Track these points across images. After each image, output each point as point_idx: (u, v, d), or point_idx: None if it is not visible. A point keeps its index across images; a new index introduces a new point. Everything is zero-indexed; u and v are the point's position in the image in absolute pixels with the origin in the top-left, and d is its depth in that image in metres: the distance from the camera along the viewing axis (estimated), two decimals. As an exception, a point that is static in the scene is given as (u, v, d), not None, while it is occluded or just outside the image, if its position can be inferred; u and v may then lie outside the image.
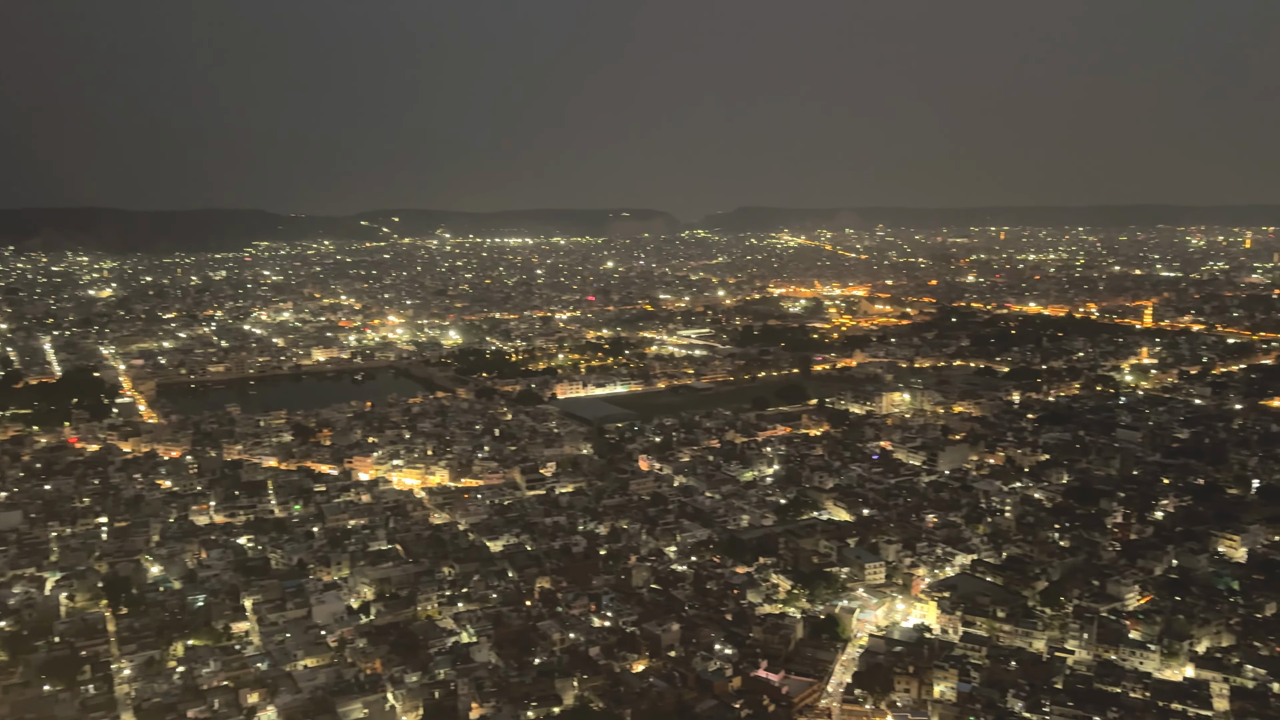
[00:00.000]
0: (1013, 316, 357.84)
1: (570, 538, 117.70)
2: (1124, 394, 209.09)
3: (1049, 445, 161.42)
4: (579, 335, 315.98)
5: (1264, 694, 78.88)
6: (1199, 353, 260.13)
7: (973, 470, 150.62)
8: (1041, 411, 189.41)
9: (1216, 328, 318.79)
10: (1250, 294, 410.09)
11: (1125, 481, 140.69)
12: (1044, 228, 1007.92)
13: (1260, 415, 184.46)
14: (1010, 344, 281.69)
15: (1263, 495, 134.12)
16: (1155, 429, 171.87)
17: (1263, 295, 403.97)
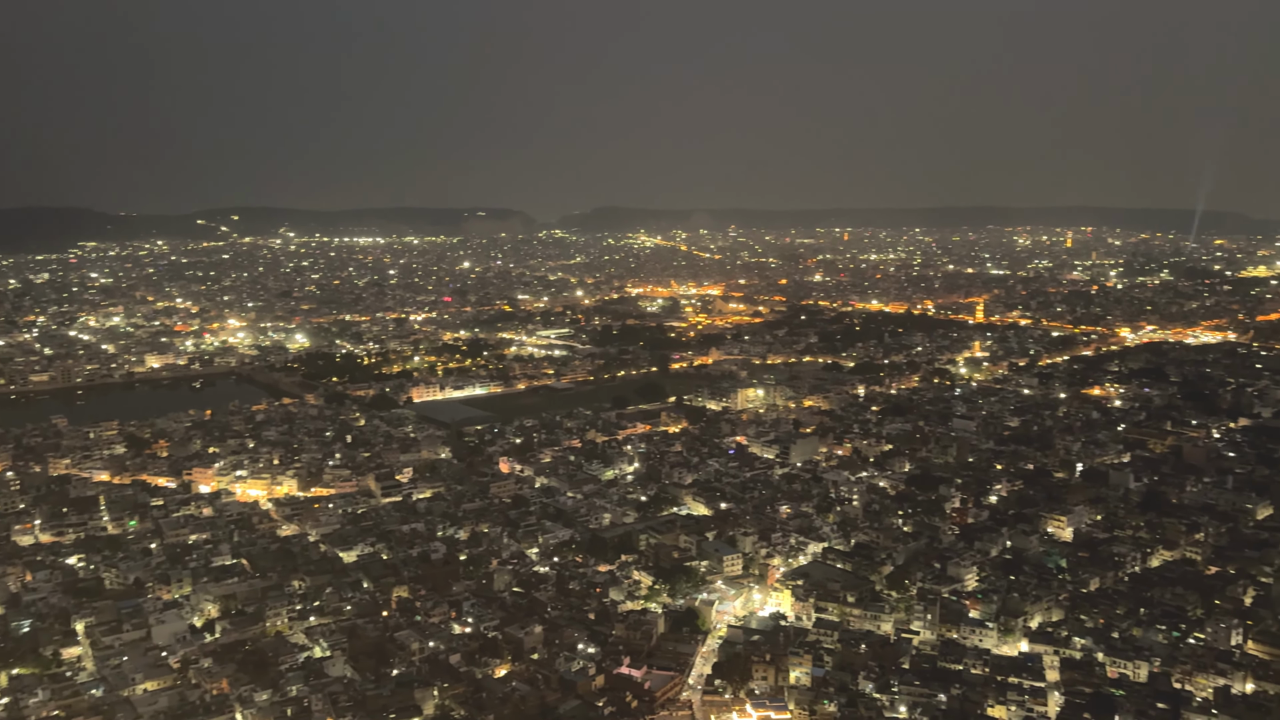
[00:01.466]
0: (857, 314, 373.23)
1: (429, 544, 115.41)
2: (959, 386, 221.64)
3: (892, 436, 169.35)
4: (435, 337, 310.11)
5: (1090, 663, 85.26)
6: (1026, 346, 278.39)
7: (823, 462, 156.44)
8: (885, 404, 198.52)
9: (1042, 322, 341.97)
10: (1071, 290, 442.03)
11: (962, 468, 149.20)
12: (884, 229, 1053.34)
13: (1082, 403, 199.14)
14: (855, 340, 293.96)
15: (1085, 478, 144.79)
16: (988, 418, 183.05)
17: (1082, 291, 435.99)
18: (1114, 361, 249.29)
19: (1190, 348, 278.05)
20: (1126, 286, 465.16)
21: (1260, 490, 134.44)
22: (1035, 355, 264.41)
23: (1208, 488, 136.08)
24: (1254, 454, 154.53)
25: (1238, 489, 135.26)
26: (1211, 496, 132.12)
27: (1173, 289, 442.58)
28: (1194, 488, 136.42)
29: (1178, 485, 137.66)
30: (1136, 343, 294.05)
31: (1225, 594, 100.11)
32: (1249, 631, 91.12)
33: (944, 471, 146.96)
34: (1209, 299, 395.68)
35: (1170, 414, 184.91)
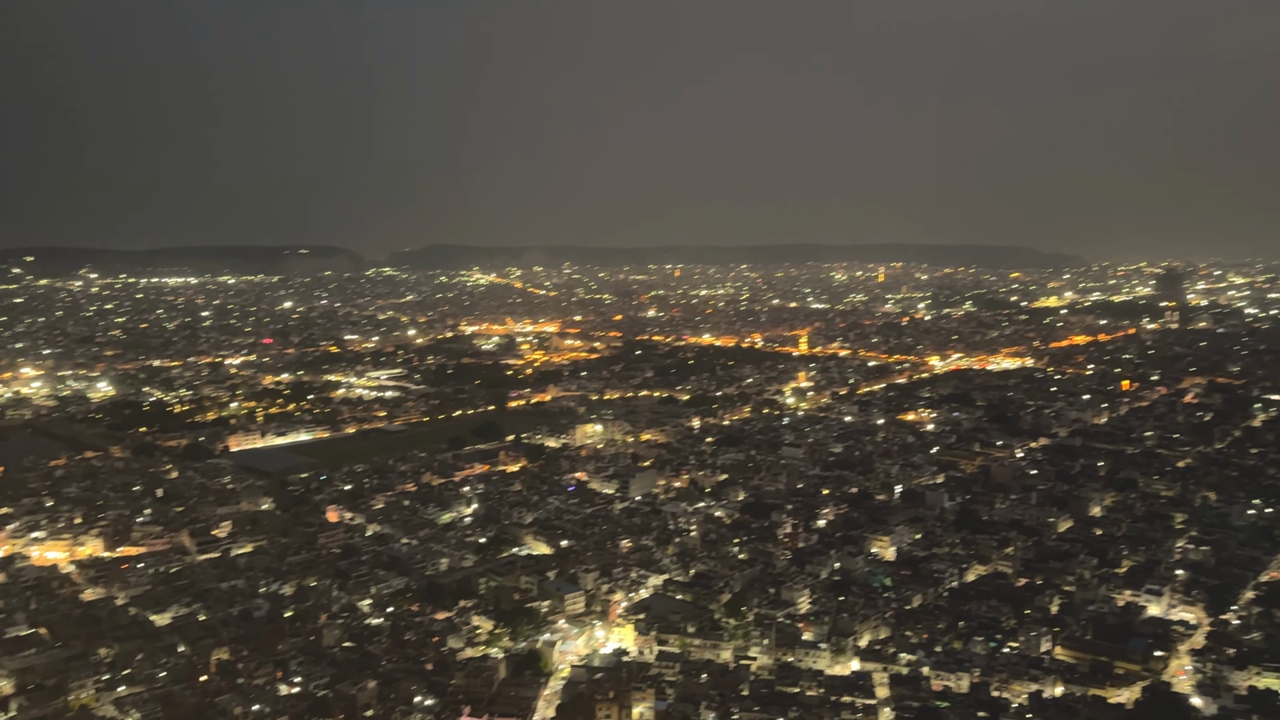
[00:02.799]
0: (690, 348, 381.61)
1: (251, 601, 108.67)
2: (787, 415, 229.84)
3: (726, 466, 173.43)
4: (254, 381, 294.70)
5: (916, 678, 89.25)
6: (847, 375, 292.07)
7: (661, 494, 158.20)
8: (719, 435, 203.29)
9: (860, 352, 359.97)
10: (885, 322, 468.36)
11: (792, 495, 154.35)
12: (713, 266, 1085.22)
13: (898, 428, 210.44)
14: (689, 373, 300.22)
15: (904, 499, 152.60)
16: (814, 445, 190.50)
17: (895, 323, 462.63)
18: (925, 388, 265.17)
19: (993, 374, 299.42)
20: (934, 318, 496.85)
21: (1060, 505, 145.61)
22: (855, 384, 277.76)
23: (1014, 504, 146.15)
24: (1053, 471, 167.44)
25: (1040, 504, 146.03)
26: (1018, 512, 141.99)
27: (975, 319, 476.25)
28: (1002, 505, 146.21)
29: (987, 503, 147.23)
30: (945, 370, 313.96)
31: (1034, 604, 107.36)
32: (1056, 638, 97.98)
33: (775, 498, 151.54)
34: (1008, 328, 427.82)
35: (978, 436, 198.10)
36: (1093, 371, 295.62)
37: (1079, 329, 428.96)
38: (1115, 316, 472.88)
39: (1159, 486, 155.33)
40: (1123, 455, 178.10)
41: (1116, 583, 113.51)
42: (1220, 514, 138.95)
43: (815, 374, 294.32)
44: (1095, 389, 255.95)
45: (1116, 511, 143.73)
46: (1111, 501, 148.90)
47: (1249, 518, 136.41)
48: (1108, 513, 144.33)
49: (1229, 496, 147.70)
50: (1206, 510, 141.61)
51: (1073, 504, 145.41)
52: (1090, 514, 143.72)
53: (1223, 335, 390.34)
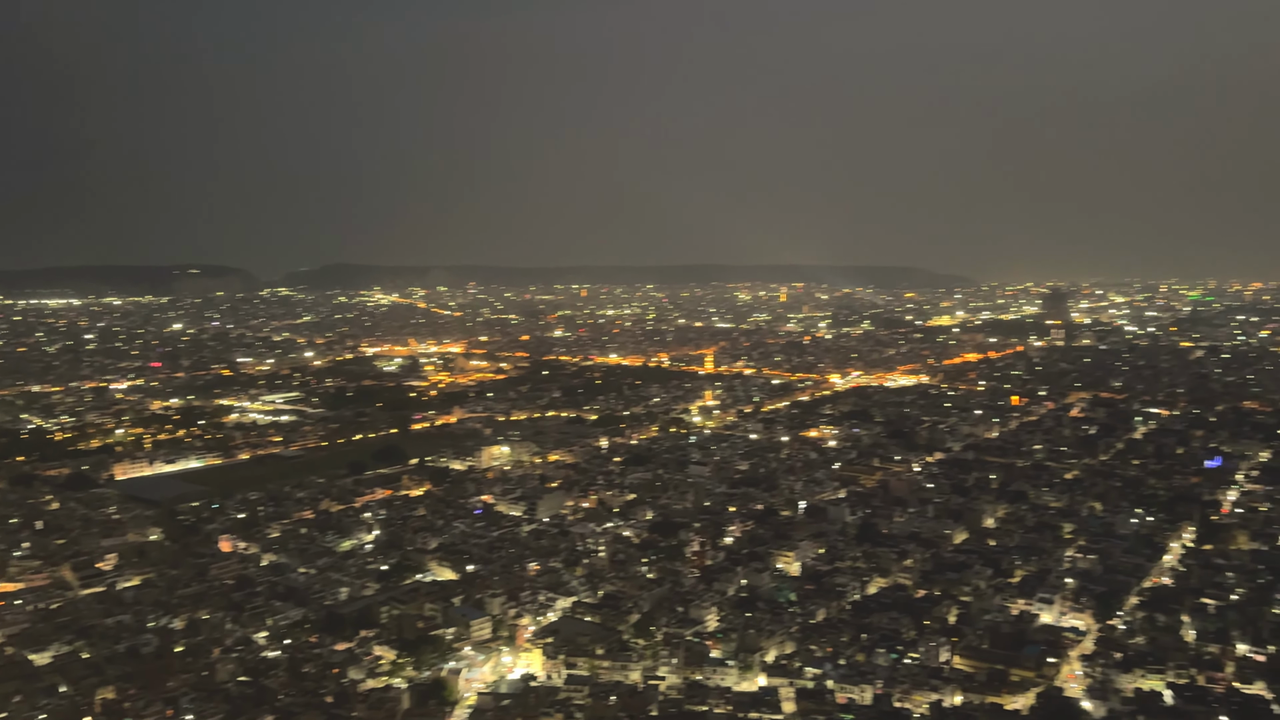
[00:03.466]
0: (597, 368, 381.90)
1: (138, 637, 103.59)
2: (694, 434, 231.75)
3: (634, 485, 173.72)
4: (142, 406, 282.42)
5: (821, 691, 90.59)
6: (751, 394, 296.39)
7: (569, 515, 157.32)
8: (626, 455, 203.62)
9: (764, 371, 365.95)
10: (788, 341, 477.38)
11: (699, 513, 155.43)
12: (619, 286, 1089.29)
13: (801, 445, 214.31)
14: (596, 393, 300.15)
15: (808, 514, 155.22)
16: (721, 463, 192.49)
17: (797, 342, 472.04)
18: (827, 405, 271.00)
19: (891, 391, 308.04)
20: (835, 336, 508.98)
21: (955, 517, 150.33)
22: (760, 402, 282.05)
23: (912, 517, 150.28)
24: (949, 484, 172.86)
25: (937, 517, 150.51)
26: (916, 525, 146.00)
27: (873, 338, 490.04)
28: (901, 518, 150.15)
29: (887, 516, 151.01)
30: (845, 388, 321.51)
31: (933, 614, 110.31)
32: (955, 648, 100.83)
33: (683, 517, 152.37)
34: (904, 346, 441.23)
35: (877, 451, 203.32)
36: (984, 388, 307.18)
37: (970, 347, 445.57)
38: (1004, 334, 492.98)
39: (1048, 498, 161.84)
40: (1014, 468, 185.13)
41: (1010, 592, 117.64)
42: (1106, 523, 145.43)
43: (721, 393, 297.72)
44: (987, 404, 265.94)
45: (1009, 523, 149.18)
46: (1004, 513, 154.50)
47: (1132, 526, 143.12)
48: (1000, 524, 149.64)
49: (1113, 506, 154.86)
50: (1093, 520, 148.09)
51: (967, 516, 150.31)
52: (984, 525, 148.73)
53: (1105, 352, 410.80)
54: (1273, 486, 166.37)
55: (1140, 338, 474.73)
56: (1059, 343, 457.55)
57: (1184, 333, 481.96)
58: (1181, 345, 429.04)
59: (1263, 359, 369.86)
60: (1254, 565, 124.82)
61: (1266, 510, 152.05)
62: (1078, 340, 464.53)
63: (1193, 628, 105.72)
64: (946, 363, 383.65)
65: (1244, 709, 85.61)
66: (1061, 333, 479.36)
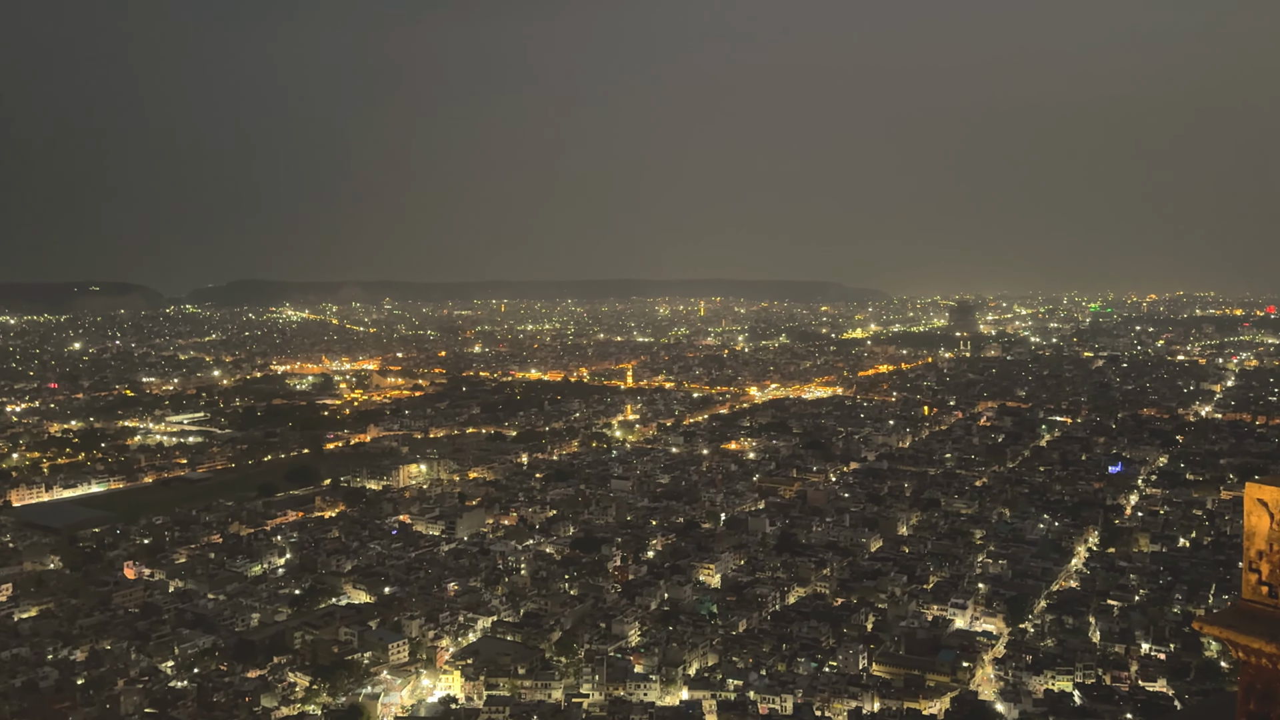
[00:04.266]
0: (517, 383, 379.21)
1: (36, 671, 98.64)
2: (615, 448, 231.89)
3: (556, 501, 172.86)
4: (39, 429, 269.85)
5: (744, 703, 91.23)
6: (672, 407, 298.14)
7: (490, 533, 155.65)
8: (548, 470, 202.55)
9: (684, 384, 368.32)
10: (707, 354, 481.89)
11: (621, 527, 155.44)
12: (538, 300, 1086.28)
13: (722, 458, 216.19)
14: (517, 409, 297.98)
15: (729, 526, 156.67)
16: (642, 477, 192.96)
17: (716, 355, 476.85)
18: (746, 418, 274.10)
19: (808, 402, 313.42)
20: (753, 350, 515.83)
21: (871, 525, 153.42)
22: (680, 416, 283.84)
23: (830, 527, 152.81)
24: (864, 494, 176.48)
25: (854, 525, 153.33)
26: (833, 534, 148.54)
27: (790, 351, 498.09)
28: (819, 527, 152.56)
29: (805, 527, 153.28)
30: (764, 400, 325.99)
31: (851, 622, 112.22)
32: (873, 655, 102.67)
33: (605, 532, 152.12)
34: (819, 359, 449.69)
35: (795, 463, 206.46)
36: (897, 398, 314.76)
37: (883, 358, 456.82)
38: (915, 346, 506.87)
39: (959, 505, 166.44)
40: (926, 476, 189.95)
41: (925, 598, 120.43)
42: (1015, 529, 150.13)
43: (642, 406, 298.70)
44: (899, 415, 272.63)
45: (922, 530, 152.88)
46: (917, 520, 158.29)
47: (1040, 531, 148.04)
48: (915, 531, 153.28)
49: (1022, 512, 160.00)
50: (1002, 526, 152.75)
51: (883, 524, 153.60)
52: (899, 533, 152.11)
53: (1011, 362, 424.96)
54: (1170, 490, 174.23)
55: (1044, 348, 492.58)
56: (967, 354, 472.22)
57: (1085, 343, 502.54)
58: (1083, 355, 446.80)
59: (1159, 367, 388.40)
60: (1154, 566, 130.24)
61: (1165, 513, 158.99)
62: (985, 351, 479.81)
63: (1098, 629, 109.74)
64: (861, 374, 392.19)
65: (1148, 706, 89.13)
66: (969, 344, 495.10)
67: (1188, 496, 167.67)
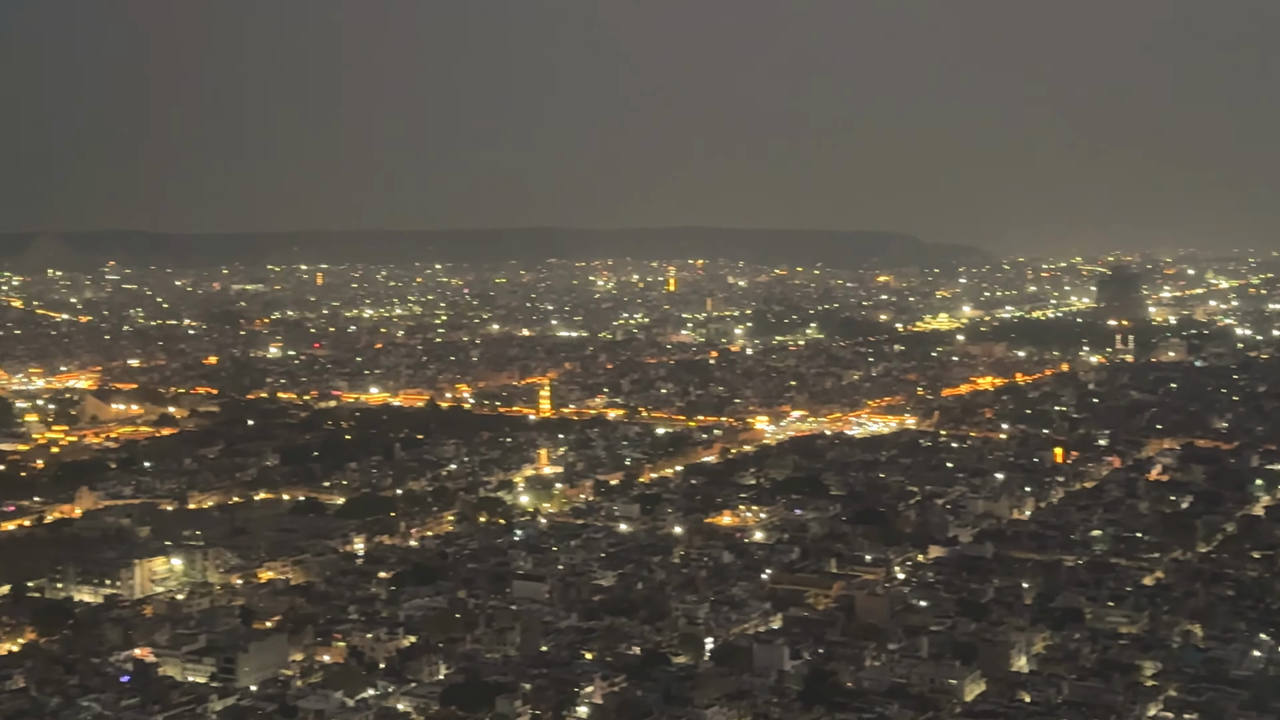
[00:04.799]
0: (346, 412, 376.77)
1: None
2: (520, 525, 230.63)
3: (416, 620, 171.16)
4: None
5: None
6: (620, 453, 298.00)
7: (297, 678, 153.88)
8: (401, 566, 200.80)
9: (640, 413, 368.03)
10: (681, 360, 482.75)
11: (531, 665, 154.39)
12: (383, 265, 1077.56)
13: (706, 540, 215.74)
14: (345, 458, 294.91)
15: (719, 660, 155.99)
16: (568, 575, 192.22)
17: (697, 360, 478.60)
18: (749, 470, 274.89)
19: (855, 442, 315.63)
20: (759, 351, 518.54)
21: (967, 656, 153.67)
22: (634, 468, 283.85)
23: (894, 658, 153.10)
24: (953, 600, 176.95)
25: (937, 656, 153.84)
26: (901, 671, 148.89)
27: (825, 352, 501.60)
28: (875, 660, 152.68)
29: (852, 659, 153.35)
30: (779, 438, 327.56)
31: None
32: None
33: (503, 673, 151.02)
34: (875, 366, 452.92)
35: (834, 547, 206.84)
36: (1008, 435, 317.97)
37: (984, 365, 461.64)
38: (1039, 343, 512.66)
39: (1117, 618, 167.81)
40: (1059, 569, 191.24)
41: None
42: (1212, 659, 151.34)
43: (567, 451, 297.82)
44: (1013, 463, 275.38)
45: (1054, 662, 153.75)
46: (1045, 646, 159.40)
47: (1255, 663, 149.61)
48: (1041, 664, 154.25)
49: (1224, 629, 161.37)
50: (1189, 653, 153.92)
51: (986, 654, 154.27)
52: (1013, 668, 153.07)
53: (1204, 371, 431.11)
54: None
55: (1260, 346, 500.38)
56: (1127, 356, 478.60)
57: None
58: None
59: None
60: None
61: None
62: (1159, 353, 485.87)
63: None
64: (947, 393, 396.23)
65: None
66: (1131, 340, 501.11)
67: None
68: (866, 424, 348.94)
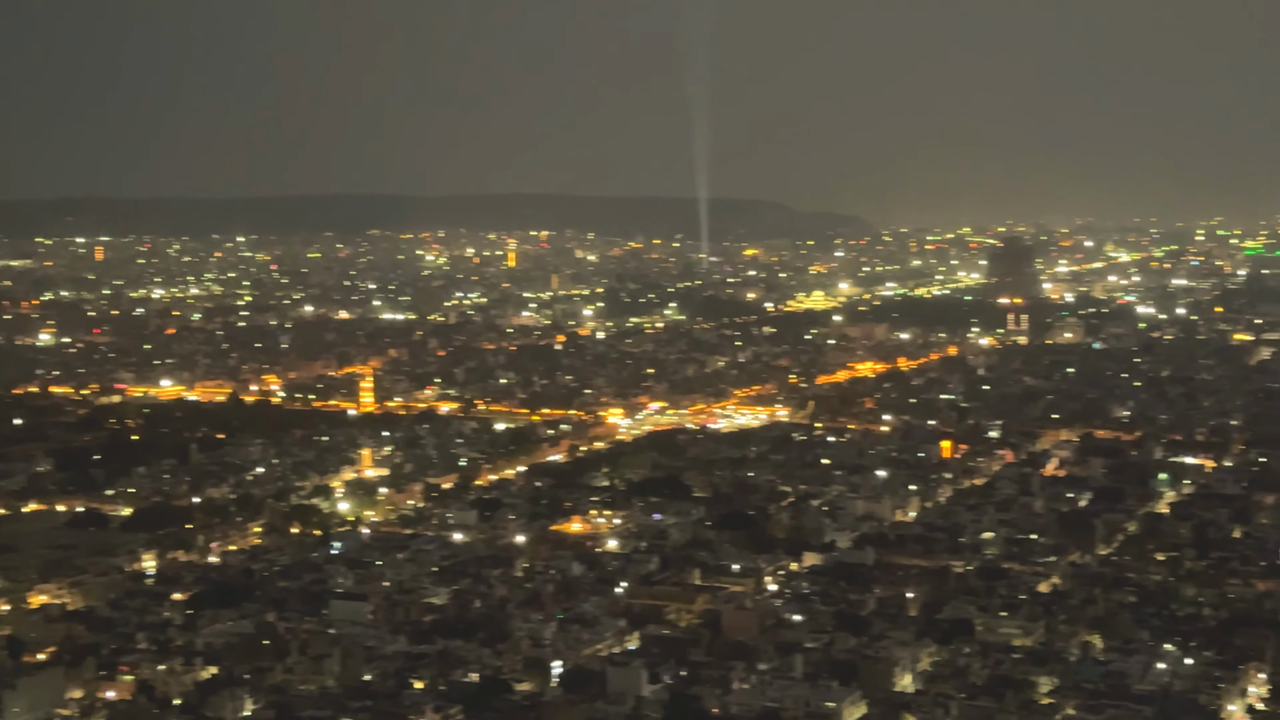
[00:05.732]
0: (132, 408, 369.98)
1: None
2: (338, 537, 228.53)
3: (217, 648, 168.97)
4: None
5: None
6: (453, 452, 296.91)
7: (77, 718, 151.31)
8: (199, 586, 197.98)
9: (477, 406, 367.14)
10: (523, 345, 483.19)
11: (351, 696, 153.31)
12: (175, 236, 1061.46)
13: (553, 551, 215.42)
14: (131, 462, 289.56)
15: (569, 686, 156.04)
16: (394, 593, 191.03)
17: (542, 346, 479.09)
18: (601, 470, 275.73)
19: (721, 436, 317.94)
20: (612, 335, 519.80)
21: (845, 675, 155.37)
22: (470, 469, 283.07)
23: (765, 679, 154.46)
24: (830, 613, 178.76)
25: (813, 676, 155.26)
26: (773, 693, 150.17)
27: (686, 336, 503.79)
28: (744, 681, 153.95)
29: (718, 681, 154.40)
30: (635, 434, 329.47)
31: None
32: None
33: (320, 707, 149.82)
34: (743, 351, 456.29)
35: (698, 556, 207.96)
36: (892, 427, 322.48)
37: (863, 349, 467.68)
38: (924, 325, 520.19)
39: (1010, 630, 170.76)
40: (946, 576, 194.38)
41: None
42: (1113, 672, 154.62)
43: (392, 451, 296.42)
44: (896, 458, 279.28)
45: (942, 679, 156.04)
46: (932, 662, 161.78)
47: (1159, 676, 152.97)
48: (928, 683, 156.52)
49: (1125, 640, 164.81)
50: (1088, 666, 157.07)
51: (866, 672, 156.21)
52: (897, 687, 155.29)
53: (1102, 354, 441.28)
54: None
55: (1163, 326, 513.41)
56: (1021, 339, 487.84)
57: (1238, 316, 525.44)
58: (1234, 339, 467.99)
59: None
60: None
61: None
62: (1054, 334, 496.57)
63: None
64: (822, 380, 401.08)
65: None
66: (1024, 320, 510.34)
67: None
68: (733, 416, 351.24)
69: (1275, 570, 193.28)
